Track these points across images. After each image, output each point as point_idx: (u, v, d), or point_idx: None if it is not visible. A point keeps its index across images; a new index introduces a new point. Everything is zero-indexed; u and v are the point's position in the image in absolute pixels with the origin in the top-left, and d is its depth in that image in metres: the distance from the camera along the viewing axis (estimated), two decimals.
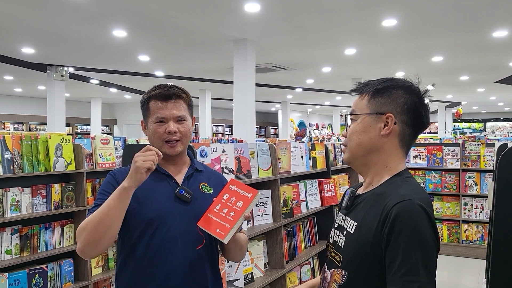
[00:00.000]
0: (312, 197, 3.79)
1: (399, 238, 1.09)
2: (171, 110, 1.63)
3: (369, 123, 1.26)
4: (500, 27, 6.23)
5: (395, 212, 1.11)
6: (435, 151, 6.52)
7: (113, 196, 1.47)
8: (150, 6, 5.25)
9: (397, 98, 1.25)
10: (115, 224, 1.49)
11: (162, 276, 1.58)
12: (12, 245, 3.19)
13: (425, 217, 1.11)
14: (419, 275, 1.06)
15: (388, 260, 1.11)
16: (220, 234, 1.55)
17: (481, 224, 6.20)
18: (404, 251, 1.08)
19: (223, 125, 19.92)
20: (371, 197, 1.24)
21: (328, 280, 1.27)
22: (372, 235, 1.15)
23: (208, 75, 10.48)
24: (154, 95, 1.65)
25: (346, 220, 1.28)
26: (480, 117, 23.97)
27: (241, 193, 1.61)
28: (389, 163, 1.26)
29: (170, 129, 1.62)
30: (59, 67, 8.98)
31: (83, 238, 1.49)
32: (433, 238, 1.11)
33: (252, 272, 2.91)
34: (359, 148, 1.28)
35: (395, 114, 1.24)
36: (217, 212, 1.58)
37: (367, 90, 1.29)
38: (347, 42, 7.24)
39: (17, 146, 3.22)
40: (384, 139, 1.25)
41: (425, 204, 1.13)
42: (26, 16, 5.63)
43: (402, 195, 1.14)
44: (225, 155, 2.67)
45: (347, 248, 1.22)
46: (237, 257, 1.79)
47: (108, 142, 4.00)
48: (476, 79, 11.51)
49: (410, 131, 1.26)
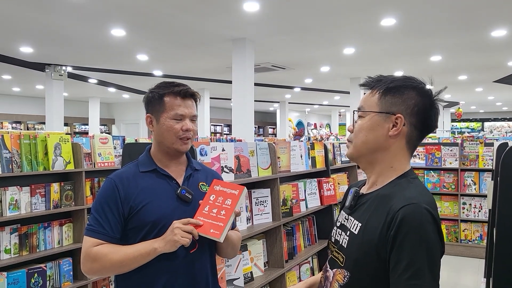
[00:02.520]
0: (311, 196, 3.79)
1: (405, 241, 1.08)
2: (189, 108, 1.66)
3: (378, 122, 1.24)
4: (499, 27, 6.24)
5: (401, 215, 1.10)
6: (433, 151, 6.52)
7: (142, 253, 1.53)
8: (149, 5, 5.24)
9: (408, 99, 1.22)
10: (132, 269, 1.57)
11: (166, 276, 1.59)
12: (11, 244, 3.18)
13: (431, 221, 1.10)
14: (425, 279, 1.06)
15: (393, 262, 1.10)
16: (215, 233, 1.56)
17: (480, 224, 6.21)
18: (409, 255, 1.07)
19: (221, 124, 19.91)
20: (376, 198, 1.23)
21: (331, 280, 1.27)
22: (377, 237, 1.14)
23: (207, 74, 10.47)
24: (173, 91, 1.65)
25: (350, 220, 1.27)
26: (478, 117, 24.01)
27: (228, 192, 1.63)
28: (394, 163, 1.25)
29: (188, 126, 1.64)
30: (57, 67, 8.96)
31: (95, 268, 1.56)
32: (438, 242, 1.11)
33: (251, 271, 2.91)
34: (364, 146, 1.26)
35: (405, 115, 1.21)
36: (207, 213, 1.60)
37: (378, 87, 1.26)
38: (346, 42, 7.24)
39: (16, 145, 3.21)
40: (391, 139, 1.23)
41: (431, 208, 1.12)
42: (25, 15, 5.62)
43: (409, 198, 1.13)
44: (224, 154, 2.66)
45: (351, 249, 1.21)
46: (229, 254, 1.81)
47: (107, 141, 3.99)
48: (474, 79, 11.53)
49: (417, 133, 1.24)
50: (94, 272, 1.59)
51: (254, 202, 3.12)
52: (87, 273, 1.60)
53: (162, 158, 1.69)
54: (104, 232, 1.56)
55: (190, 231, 1.51)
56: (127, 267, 1.55)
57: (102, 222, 1.57)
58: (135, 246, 1.55)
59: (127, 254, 1.53)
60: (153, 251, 1.51)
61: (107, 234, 1.56)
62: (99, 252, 1.54)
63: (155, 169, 1.67)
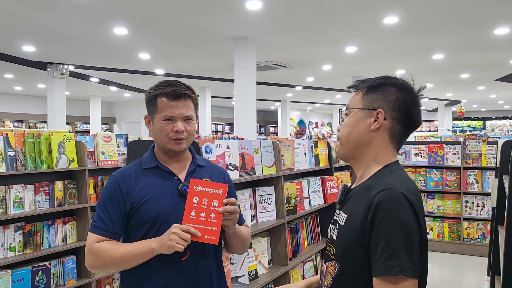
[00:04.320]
0: (315, 194, 3.79)
1: (381, 224, 1.12)
2: (180, 109, 1.63)
3: (360, 117, 1.30)
4: (502, 25, 6.23)
5: (377, 200, 1.15)
6: (436, 149, 6.51)
7: (141, 251, 1.55)
8: (151, 4, 5.24)
9: (389, 95, 1.28)
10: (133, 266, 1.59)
11: (169, 271, 1.59)
12: (15, 242, 3.18)
13: (407, 205, 1.13)
14: (400, 260, 1.09)
15: (372, 247, 1.14)
16: (211, 239, 1.55)
17: (482, 222, 6.20)
18: (385, 237, 1.11)
19: (223, 123, 19.91)
20: (360, 190, 1.28)
21: (324, 273, 1.32)
22: (359, 225, 1.19)
23: (209, 73, 10.46)
24: (164, 92, 1.63)
25: (340, 214, 1.32)
26: (479, 115, 23.98)
27: (211, 192, 1.58)
28: (378, 156, 1.30)
29: (178, 128, 1.62)
30: (59, 65, 8.96)
31: (96, 264, 1.60)
32: (415, 225, 1.14)
33: (256, 268, 2.91)
34: (347, 140, 1.32)
35: (386, 110, 1.27)
36: (194, 218, 1.55)
37: (362, 87, 1.33)
38: (348, 40, 7.24)
39: (19, 143, 3.21)
40: (373, 133, 1.28)
41: (409, 193, 1.16)
42: (27, 14, 5.62)
43: (386, 184, 1.18)
44: (229, 151, 2.66)
45: (339, 241, 1.27)
46: (239, 249, 1.82)
47: (110, 140, 3.99)
48: (476, 77, 11.51)
49: (401, 127, 1.29)
50: (96, 267, 1.63)
51: (258, 200, 3.12)
52: (90, 268, 1.64)
53: (162, 156, 1.70)
54: (106, 228, 1.59)
55: (187, 240, 1.50)
56: (127, 264, 1.57)
57: (104, 218, 1.59)
58: (135, 244, 1.57)
59: (127, 252, 1.55)
60: (151, 251, 1.53)
61: (109, 230, 1.59)
62: (100, 248, 1.56)
63: (157, 166, 1.67)
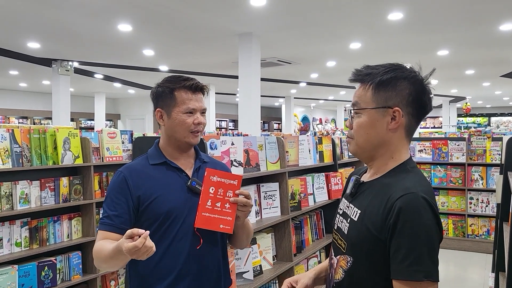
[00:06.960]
0: (319, 191, 3.79)
1: (404, 229, 1.12)
2: (199, 102, 1.69)
3: (376, 117, 1.25)
4: (507, 20, 6.19)
5: (399, 205, 1.14)
6: (440, 145, 6.50)
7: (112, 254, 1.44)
8: (155, 1, 5.24)
9: (402, 90, 1.24)
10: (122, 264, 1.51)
11: (178, 266, 1.60)
12: (21, 238, 3.21)
13: (429, 209, 1.14)
14: (425, 265, 1.10)
15: (393, 249, 1.14)
16: (226, 228, 1.59)
17: (487, 218, 6.18)
18: (409, 242, 1.11)
19: (226, 120, 19.91)
20: (375, 186, 1.27)
21: (335, 266, 1.31)
22: (375, 223, 1.18)
23: (213, 69, 10.46)
24: (184, 86, 1.66)
25: (350, 207, 1.31)
26: (484, 112, 23.86)
27: (226, 182, 1.63)
28: (395, 154, 1.28)
29: (200, 120, 1.67)
30: (64, 62, 8.98)
31: (97, 262, 1.58)
32: (436, 229, 1.14)
33: (260, 264, 2.92)
34: (367, 143, 1.28)
35: (402, 107, 1.23)
36: (210, 208, 1.60)
37: (369, 81, 1.26)
38: (353, 36, 7.21)
39: (25, 139, 3.23)
40: (391, 132, 1.25)
41: (429, 196, 1.16)
42: (32, 10, 5.63)
43: (407, 188, 1.17)
44: (234, 147, 2.67)
45: (351, 235, 1.26)
46: (244, 243, 1.84)
47: (115, 136, 4.01)
48: (481, 73, 11.45)
49: (415, 120, 1.27)
50: (98, 265, 1.61)
51: (262, 196, 3.13)
52: (97, 267, 1.65)
53: (172, 151, 1.71)
54: (112, 223, 1.58)
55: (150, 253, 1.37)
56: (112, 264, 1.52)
57: (110, 213, 1.60)
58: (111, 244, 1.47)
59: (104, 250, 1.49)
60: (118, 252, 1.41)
61: (115, 225, 1.58)
62: (97, 247, 1.56)
63: (165, 162, 1.69)
